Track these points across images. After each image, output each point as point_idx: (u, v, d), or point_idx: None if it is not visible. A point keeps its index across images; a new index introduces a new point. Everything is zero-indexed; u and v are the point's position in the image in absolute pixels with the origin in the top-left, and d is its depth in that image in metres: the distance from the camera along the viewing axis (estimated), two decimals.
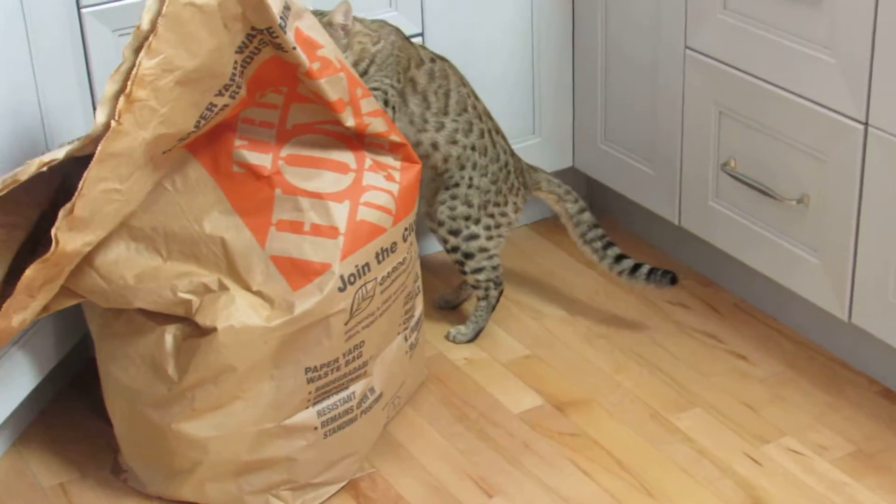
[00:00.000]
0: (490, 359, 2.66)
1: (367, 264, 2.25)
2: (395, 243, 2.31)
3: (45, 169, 2.07)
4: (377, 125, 2.29)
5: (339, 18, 2.41)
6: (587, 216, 2.68)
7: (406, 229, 2.34)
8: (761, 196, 2.56)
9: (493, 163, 2.58)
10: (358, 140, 2.30)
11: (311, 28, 2.17)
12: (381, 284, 2.28)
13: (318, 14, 2.41)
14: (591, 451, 2.40)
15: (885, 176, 2.30)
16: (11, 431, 2.47)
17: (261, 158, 2.24)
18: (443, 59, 2.58)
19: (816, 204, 2.46)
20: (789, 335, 2.68)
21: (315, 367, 2.24)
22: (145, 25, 2.02)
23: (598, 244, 2.68)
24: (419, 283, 2.48)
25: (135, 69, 1.99)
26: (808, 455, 2.37)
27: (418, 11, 2.72)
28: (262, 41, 2.11)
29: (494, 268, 2.65)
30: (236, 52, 2.09)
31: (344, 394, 2.30)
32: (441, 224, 2.61)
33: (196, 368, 2.18)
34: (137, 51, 2.03)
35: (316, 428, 2.26)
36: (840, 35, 2.31)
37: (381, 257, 2.28)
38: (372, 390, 2.34)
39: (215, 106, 2.11)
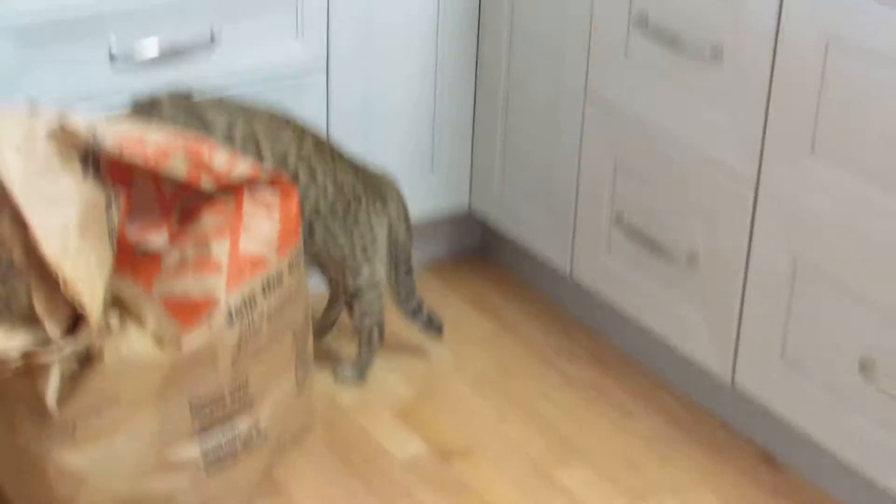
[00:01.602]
0: (377, 403, 2.65)
1: (253, 297, 2.25)
2: (280, 274, 2.31)
3: None
4: (240, 171, 2.30)
5: None
6: (410, 244, 2.66)
7: (291, 261, 2.34)
8: (652, 252, 2.59)
9: (340, 194, 2.55)
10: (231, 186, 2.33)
11: (132, 130, 2.22)
12: (267, 318, 2.28)
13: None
14: (473, 503, 2.41)
15: (773, 238, 2.34)
16: None
17: (156, 238, 2.29)
18: (255, 114, 2.50)
19: (705, 263, 2.49)
20: (674, 392, 2.71)
21: (200, 401, 2.22)
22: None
23: (403, 268, 2.67)
24: (310, 323, 2.47)
25: (47, 263, 2.03)
26: None
27: (323, 42, 2.72)
28: (94, 153, 2.16)
29: (380, 300, 2.65)
30: (85, 176, 2.14)
31: (229, 430, 2.28)
32: (323, 265, 2.62)
33: (79, 397, 2.15)
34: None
35: (198, 464, 2.24)
36: (736, 95, 2.35)
37: (267, 290, 2.28)
38: (257, 429, 2.33)
39: (113, 222, 2.18)
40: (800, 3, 2.21)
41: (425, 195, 2.97)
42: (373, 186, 2.61)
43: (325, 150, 2.55)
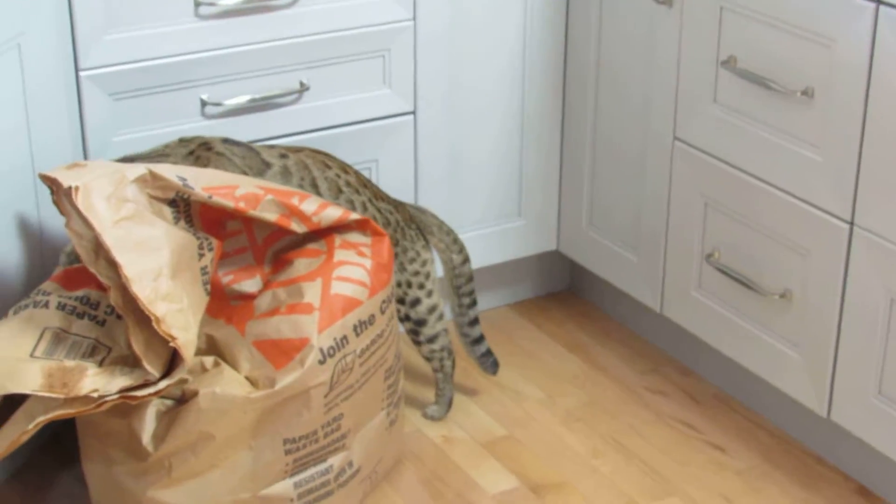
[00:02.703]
0: (468, 438, 2.66)
1: (345, 337, 2.27)
2: (372, 315, 2.33)
3: None
4: (329, 215, 2.34)
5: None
6: (467, 268, 2.66)
7: (384, 302, 2.36)
8: (744, 289, 2.57)
9: (385, 228, 2.57)
10: (322, 231, 2.35)
11: (217, 177, 2.26)
12: (360, 357, 2.30)
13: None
14: None
15: (869, 275, 2.33)
16: None
17: (249, 284, 2.34)
18: (299, 149, 2.52)
19: (799, 299, 2.47)
20: (767, 428, 2.69)
21: (294, 438, 2.24)
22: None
23: (467, 300, 2.67)
24: (401, 359, 2.48)
25: (140, 303, 2.06)
26: None
27: (411, 90, 2.75)
28: (184, 200, 2.21)
29: (446, 331, 2.65)
30: (176, 222, 2.19)
31: (322, 466, 2.30)
32: None
33: (175, 435, 2.18)
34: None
35: (292, 500, 2.26)
36: (829, 134, 2.34)
37: (359, 330, 2.30)
38: (350, 464, 2.34)
39: (207, 267, 2.22)
40: (893, 39, 2.21)
41: (513, 239, 2.98)
42: (413, 218, 2.62)
43: (366, 183, 2.57)
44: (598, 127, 2.87)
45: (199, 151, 2.44)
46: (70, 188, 2.09)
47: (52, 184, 2.13)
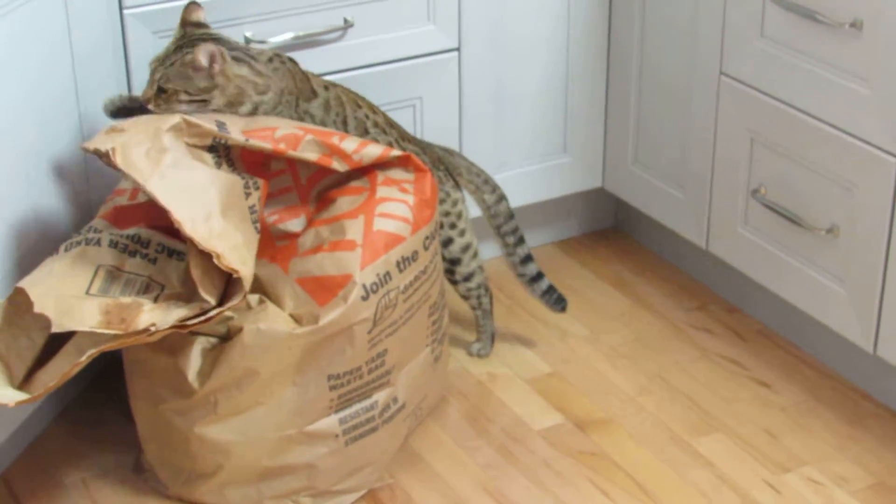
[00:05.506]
0: (513, 375, 2.66)
1: (388, 273, 2.27)
2: (415, 252, 2.33)
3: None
4: (370, 153, 2.34)
5: (202, 61, 2.27)
6: (504, 206, 2.63)
7: (427, 238, 2.36)
8: (790, 224, 2.56)
9: None
10: (365, 168, 2.35)
11: (256, 121, 2.28)
12: (403, 293, 2.30)
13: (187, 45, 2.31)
14: (611, 472, 2.40)
15: None
16: (35, 426, 2.49)
17: (294, 224, 2.34)
18: (335, 85, 2.49)
19: (846, 234, 2.46)
20: (813, 364, 2.68)
21: (338, 374, 2.25)
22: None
23: (511, 238, 2.65)
24: (445, 296, 2.49)
25: (197, 243, 2.09)
26: (827, 486, 2.37)
27: (455, 26, 2.74)
28: (223, 145, 2.22)
29: (482, 269, 2.64)
30: (218, 167, 2.20)
31: (366, 402, 2.31)
32: None
33: (220, 372, 2.20)
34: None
35: (337, 435, 2.28)
36: (877, 67, 2.31)
37: (402, 266, 2.30)
38: (395, 400, 2.35)
39: (254, 206, 2.22)
40: None
41: (559, 175, 2.97)
42: (441, 160, 2.60)
43: (393, 124, 2.55)
44: (644, 63, 2.85)
45: (276, 61, 2.41)
46: (108, 151, 2.12)
47: (93, 153, 2.16)
